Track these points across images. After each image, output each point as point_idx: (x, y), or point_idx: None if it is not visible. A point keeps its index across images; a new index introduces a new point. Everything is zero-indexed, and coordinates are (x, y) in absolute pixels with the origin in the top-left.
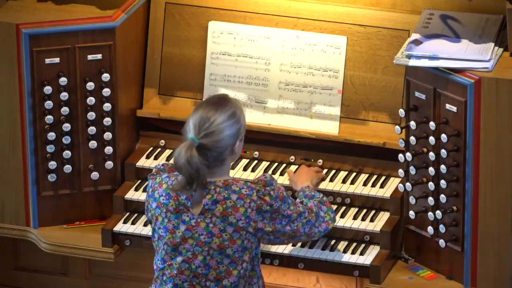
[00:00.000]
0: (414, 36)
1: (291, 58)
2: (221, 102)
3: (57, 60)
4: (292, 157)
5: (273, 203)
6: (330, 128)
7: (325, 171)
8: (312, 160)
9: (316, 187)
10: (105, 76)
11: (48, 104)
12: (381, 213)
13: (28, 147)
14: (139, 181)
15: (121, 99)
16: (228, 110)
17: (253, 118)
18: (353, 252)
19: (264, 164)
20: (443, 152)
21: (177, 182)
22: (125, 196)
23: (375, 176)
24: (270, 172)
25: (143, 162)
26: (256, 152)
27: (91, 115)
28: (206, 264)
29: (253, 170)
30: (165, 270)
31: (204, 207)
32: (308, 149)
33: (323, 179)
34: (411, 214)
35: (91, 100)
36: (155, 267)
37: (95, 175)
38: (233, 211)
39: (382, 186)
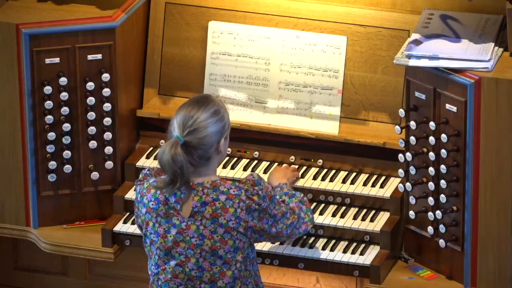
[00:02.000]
0: (414, 36)
1: (291, 58)
2: (203, 100)
3: (57, 60)
4: (292, 157)
5: (261, 203)
6: (330, 128)
7: (325, 171)
8: (312, 160)
9: (292, 185)
10: (105, 76)
11: (48, 104)
12: (381, 213)
13: (28, 147)
14: None
15: (121, 99)
16: (211, 108)
17: (253, 118)
18: (353, 252)
19: (264, 164)
20: (443, 152)
21: (161, 180)
22: (125, 196)
23: (375, 176)
24: (269, 172)
25: (143, 162)
26: (256, 152)
27: (91, 115)
28: (200, 267)
29: (253, 170)
30: (159, 275)
31: (193, 209)
32: (308, 149)
33: (298, 178)
34: (411, 214)
35: (91, 100)
36: (149, 273)
37: (95, 175)
38: (222, 212)
39: (382, 186)
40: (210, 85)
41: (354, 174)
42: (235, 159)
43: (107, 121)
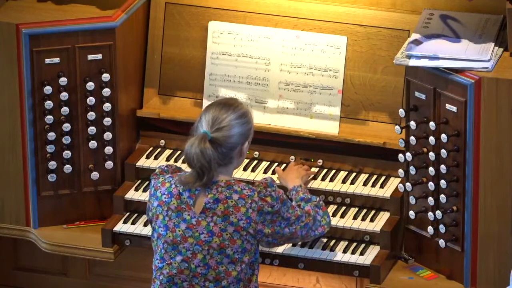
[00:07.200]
0: (414, 36)
1: (291, 58)
2: (232, 102)
3: (57, 60)
4: (292, 157)
5: (274, 204)
6: (330, 128)
7: (325, 171)
8: (312, 160)
9: (306, 185)
10: (105, 76)
11: (48, 104)
12: (381, 213)
13: (28, 147)
14: (139, 181)
15: (121, 99)
16: (239, 110)
17: (253, 118)
18: (353, 252)
19: (264, 164)
20: (443, 152)
21: (188, 174)
22: (125, 196)
23: (375, 176)
24: (270, 172)
25: (143, 162)
26: (256, 152)
27: (91, 115)
28: (206, 264)
29: (253, 170)
30: (163, 269)
31: (205, 205)
32: (308, 149)
33: (314, 178)
34: (411, 214)
35: (91, 100)
36: (153, 267)
37: (95, 175)
38: (234, 211)
39: (382, 186)
40: (210, 85)
41: (354, 174)
42: None
43: (107, 121)
